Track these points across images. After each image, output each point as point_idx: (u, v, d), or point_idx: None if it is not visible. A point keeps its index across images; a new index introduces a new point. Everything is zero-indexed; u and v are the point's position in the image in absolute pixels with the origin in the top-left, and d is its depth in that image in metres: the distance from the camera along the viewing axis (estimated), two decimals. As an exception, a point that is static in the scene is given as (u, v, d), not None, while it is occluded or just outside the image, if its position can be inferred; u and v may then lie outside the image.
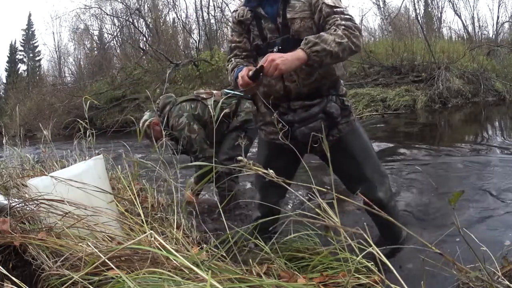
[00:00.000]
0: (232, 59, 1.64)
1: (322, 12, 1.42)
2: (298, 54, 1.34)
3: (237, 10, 1.66)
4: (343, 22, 1.37)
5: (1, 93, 24.92)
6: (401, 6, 15.94)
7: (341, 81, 1.62)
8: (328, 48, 1.33)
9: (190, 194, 2.60)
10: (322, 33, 1.36)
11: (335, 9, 1.41)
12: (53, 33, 32.39)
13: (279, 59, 1.31)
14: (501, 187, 2.59)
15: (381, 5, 15.74)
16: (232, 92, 2.53)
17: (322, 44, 1.32)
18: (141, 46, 14.68)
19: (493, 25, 15.90)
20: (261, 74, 1.34)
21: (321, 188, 1.00)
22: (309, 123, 1.46)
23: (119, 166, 2.37)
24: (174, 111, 2.58)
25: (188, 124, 2.51)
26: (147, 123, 2.52)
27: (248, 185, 3.04)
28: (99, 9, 14.83)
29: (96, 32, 17.96)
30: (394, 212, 1.70)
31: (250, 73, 1.35)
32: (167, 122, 2.58)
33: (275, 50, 1.47)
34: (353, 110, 1.62)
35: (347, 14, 1.41)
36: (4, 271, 0.95)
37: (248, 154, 2.94)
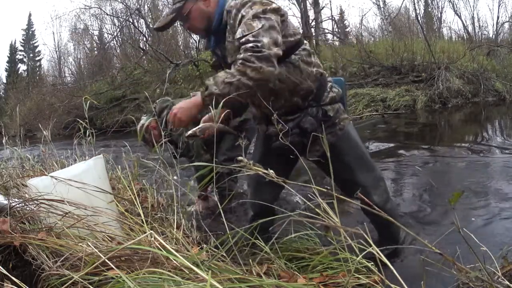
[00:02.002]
0: None
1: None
2: (196, 99, 1.41)
3: None
4: (241, 56, 1.31)
5: (1, 93, 24.93)
6: (401, 6, 15.97)
7: (329, 84, 1.56)
8: (217, 91, 1.33)
9: (198, 200, 2.62)
10: (217, 74, 1.37)
11: (241, 40, 1.34)
12: (53, 33, 32.48)
13: (177, 110, 1.42)
14: (501, 187, 2.59)
15: (381, 5, 15.76)
16: None
17: (211, 87, 1.35)
18: (141, 46, 14.69)
19: (493, 25, 15.93)
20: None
21: (321, 188, 1.00)
22: (285, 137, 1.46)
23: (119, 166, 2.37)
24: None
25: (186, 130, 2.51)
26: (145, 125, 2.51)
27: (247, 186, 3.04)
28: (99, 9, 14.84)
29: (96, 32, 18.00)
30: (392, 214, 1.69)
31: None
32: (165, 127, 2.58)
33: None
34: (340, 118, 1.56)
35: (252, 41, 1.31)
36: (4, 271, 0.95)
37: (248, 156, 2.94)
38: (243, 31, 1.34)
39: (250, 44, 1.30)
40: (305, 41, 1.55)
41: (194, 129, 1.51)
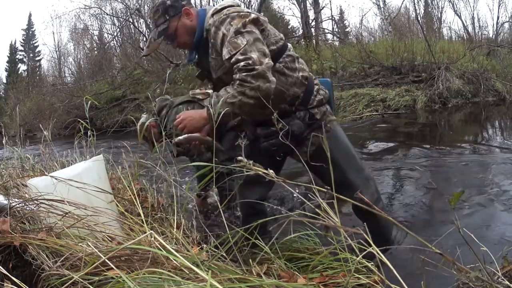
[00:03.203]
0: None
1: (227, 66, 1.42)
2: (203, 114, 1.45)
3: None
4: (237, 76, 1.33)
5: (1, 93, 24.91)
6: (401, 6, 15.96)
7: (316, 87, 1.57)
8: (221, 110, 1.37)
9: (197, 199, 2.61)
10: (220, 92, 1.40)
11: (231, 61, 1.37)
12: (53, 33, 32.47)
13: (186, 120, 1.46)
14: (501, 187, 2.59)
15: (381, 5, 15.76)
16: None
17: (215, 107, 1.37)
18: (141, 46, 14.68)
19: (493, 25, 15.93)
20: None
21: (321, 188, 1.00)
22: (271, 139, 1.49)
23: (119, 166, 2.37)
24: (171, 115, 2.57)
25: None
26: (145, 125, 2.51)
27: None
28: (99, 9, 14.84)
29: (96, 32, 17.98)
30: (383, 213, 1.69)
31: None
32: (164, 126, 2.58)
33: None
34: (327, 120, 1.57)
35: (242, 59, 1.33)
36: (4, 271, 0.95)
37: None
38: (230, 51, 1.36)
39: (242, 63, 1.32)
40: (289, 45, 1.55)
41: (181, 137, 1.54)
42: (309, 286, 1.03)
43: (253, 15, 1.41)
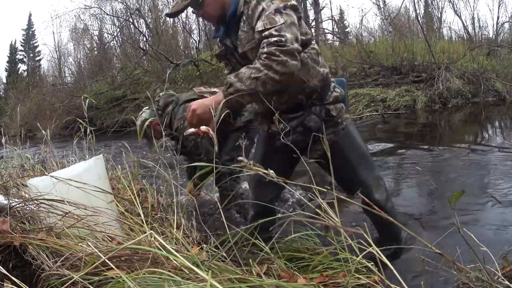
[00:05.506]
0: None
1: (256, 40, 1.38)
2: (217, 97, 1.34)
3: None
4: (265, 50, 1.29)
5: (1, 93, 24.92)
6: (401, 6, 15.96)
7: (333, 84, 1.58)
8: (242, 87, 1.29)
9: (191, 188, 2.58)
10: (241, 70, 1.33)
11: (263, 34, 1.32)
12: (53, 33, 32.46)
13: (196, 105, 1.33)
14: (501, 187, 2.59)
15: (381, 5, 15.76)
16: None
17: (236, 84, 1.30)
18: (141, 46, 14.70)
19: (493, 25, 15.91)
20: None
21: (321, 188, 1.00)
22: (287, 135, 1.44)
23: (119, 166, 2.37)
24: (178, 112, 2.53)
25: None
26: (147, 123, 2.49)
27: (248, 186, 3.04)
28: (99, 9, 14.84)
29: (96, 32, 17.97)
30: (392, 213, 1.70)
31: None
32: (169, 123, 2.55)
33: None
34: (343, 117, 1.57)
35: (276, 35, 1.29)
36: (4, 271, 0.95)
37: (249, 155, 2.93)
38: (265, 24, 1.33)
39: (274, 39, 1.29)
40: (313, 42, 1.55)
41: (190, 130, 1.42)
42: (309, 286, 1.03)
43: (293, 1, 1.40)
